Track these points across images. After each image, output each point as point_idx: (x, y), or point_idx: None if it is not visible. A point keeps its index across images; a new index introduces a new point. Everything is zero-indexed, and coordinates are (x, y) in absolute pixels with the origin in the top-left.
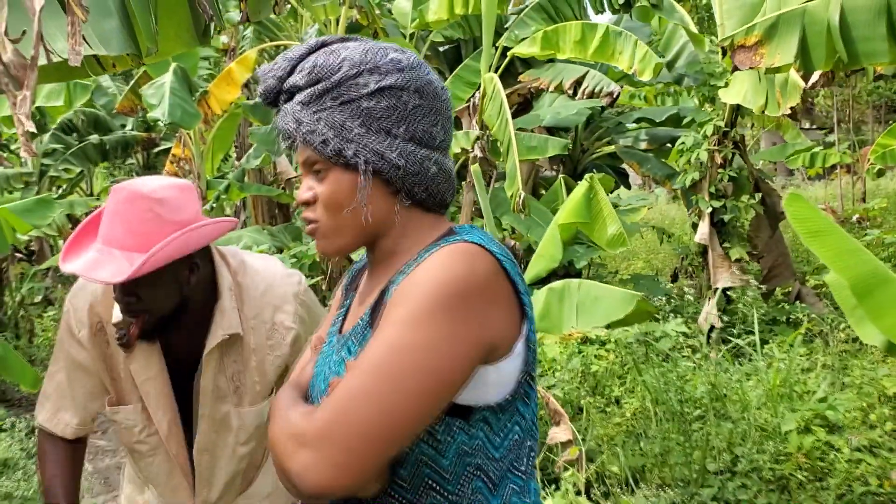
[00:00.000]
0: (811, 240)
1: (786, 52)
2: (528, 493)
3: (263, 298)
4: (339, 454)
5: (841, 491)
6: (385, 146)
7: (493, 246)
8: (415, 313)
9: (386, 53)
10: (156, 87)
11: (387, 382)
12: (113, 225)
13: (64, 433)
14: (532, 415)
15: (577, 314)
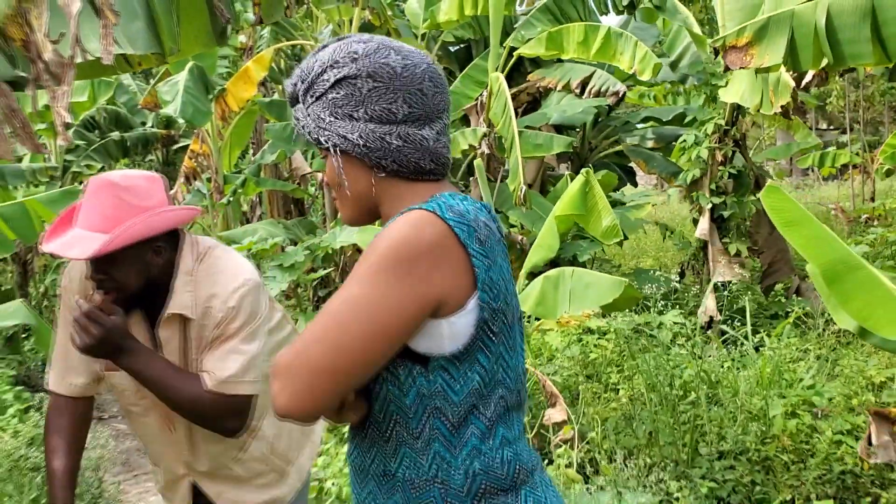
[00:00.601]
0: (786, 229)
1: (775, 52)
2: (493, 437)
3: (207, 283)
4: (297, 384)
5: (821, 471)
6: (348, 130)
7: (449, 214)
8: (365, 271)
9: (348, 47)
10: (171, 85)
11: (337, 327)
12: (86, 211)
13: (71, 392)
14: (497, 366)
15: (569, 300)
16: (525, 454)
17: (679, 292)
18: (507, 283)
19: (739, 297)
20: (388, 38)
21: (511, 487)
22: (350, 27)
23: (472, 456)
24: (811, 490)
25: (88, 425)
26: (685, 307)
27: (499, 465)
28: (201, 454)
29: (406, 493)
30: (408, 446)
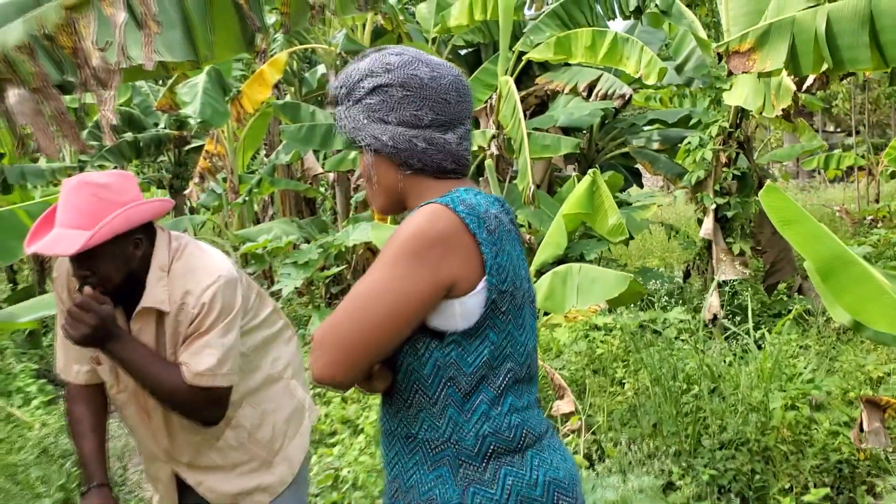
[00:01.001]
0: (783, 227)
1: (776, 57)
2: (502, 404)
3: (181, 279)
4: (329, 355)
5: (819, 461)
6: (380, 132)
7: (460, 207)
8: (387, 258)
9: (385, 59)
10: (189, 87)
11: (363, 307)
12: (65, 210)
13: (77, 380)
14: (506, 343)
15: (577, 294)
16: (533, 422)
17: (684, 291)
18: (516, 268)
19: (742, 295)
20: (420, 51)
21: (518, 449)
22: (363, 32)
23: (482, 420)
24: (808, 479)
25: (106, 408)
26: (690, 305)
27: (506, 429)
28: (179, 443)
29: (426, 453)
30: (426, 412)
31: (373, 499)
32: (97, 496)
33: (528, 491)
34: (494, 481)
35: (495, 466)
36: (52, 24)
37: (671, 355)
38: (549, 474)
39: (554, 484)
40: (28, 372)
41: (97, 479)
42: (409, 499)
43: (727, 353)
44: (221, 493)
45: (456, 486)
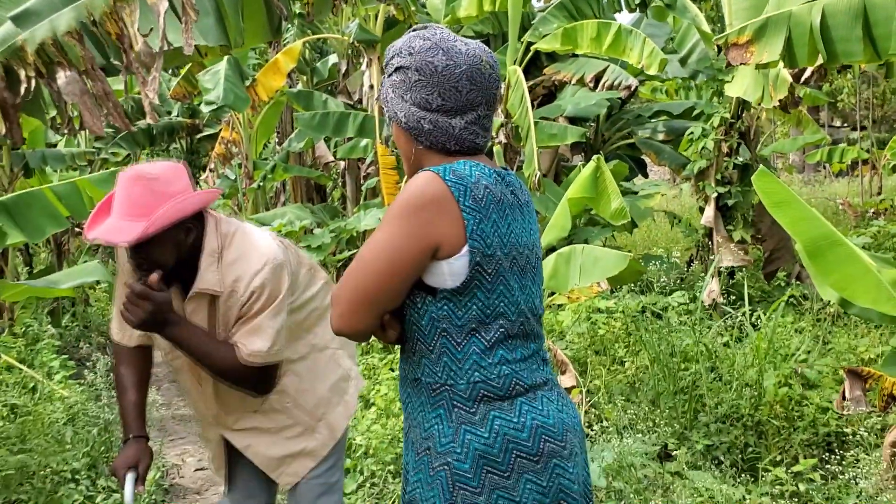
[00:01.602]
0: (775, 209)
1: (773, 50)
2: (492, 356)
3: (231, 266)
4: (342, 308)
5: (808, 435)
6: (399, 108)
7: (450, 176)
8: (384, 221)
9: (411, 42)
10: (212, 74)
11: (363, 264)
12: (121, 202)
13: (129, 342)
14: (498, 301)
15: (579, 273)
16: (525, 374)
17: (686, 278)
18: (506, 235)
19: (741, 282)
20: (450, 36)
21: (507, 397)
22: (376, 22)
23: (473, 369)
24: (798, 451)
25: (150, 369)
26: (691, 292)
27: (495, 377)
28: (227, 407)
29: (428, 395)
30: (426, 358)
31: (384, 465)
32: (133, 447)
33: (514, 433)
34: (484, 423)
35: (485, 410)
36: (100, 12)
37: (670, 334)
38: (538, 420)
39: (542, 429)
40: (51, 347)
41: (135, 430)
42: (416, 434)
43: (725, 334)
44: (267, 457)
45: (450, 425)
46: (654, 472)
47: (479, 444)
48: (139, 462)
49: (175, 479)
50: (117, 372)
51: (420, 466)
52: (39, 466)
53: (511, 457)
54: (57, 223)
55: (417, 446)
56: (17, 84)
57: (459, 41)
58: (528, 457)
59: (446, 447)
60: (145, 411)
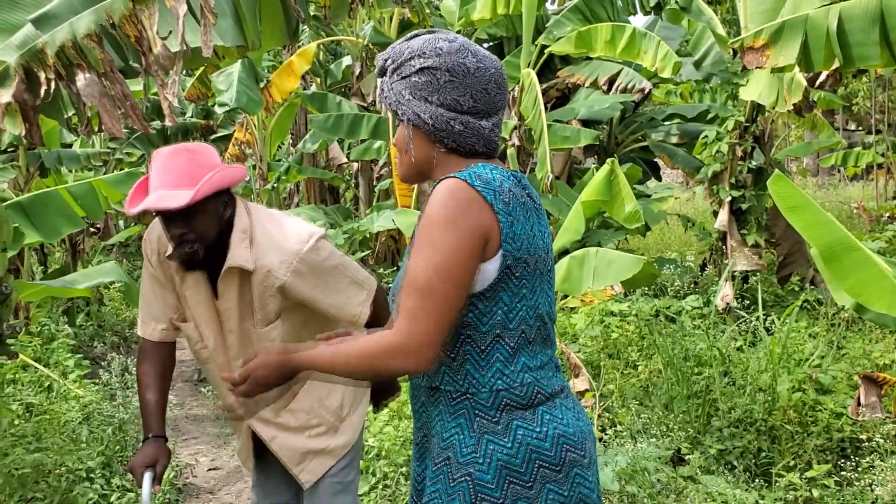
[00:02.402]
0: (790, 213)
1: (789, 53)
2: (515, 363)
3: (266, 250)
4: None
5: (822, 440)
6: (422, 110)
7: (477, 182)
8: (425, 240)
9: (436, 42)
10: (225, 76)
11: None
12: (163, 174)
13: (152, 336)
14: (520, 305)
15: (593, 276)
16: (545, 381)
17: (699, 282)
18: (531, 238)
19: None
20: (469, 41)
21: (529, 405)
22: (390, 24)
23: (496, 377)
24: (812, 457)
25: (173, 368)
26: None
27: (518, 386)
28: (256, 401)
29: (447, 404)
30: (446, 366)
31: (396, 467)
32: (152, 446)
33: (537, 443)
34: (507, 432)
35: (508, 419)
36: (119, 15)
37: (683, 338)
38: (559, 429)
39: (563, 438)
40: (65, 347)
41: (154, 430)
42: (434, 443)
43: (738, 338)
44: (291, 450)
45: (472, 435)
46: (668, 476)
47: (501, 455)
48: (157, 462)
49: (188, 478)
50: (140, 369)
51: (438, 476)
52: (55, 465)
53: (534, 466)
54: (72, 223)
55: (435, 456)
56: (37, 86)
57: (479, 46)
58: (551, 466)
59: (468, 457)
60: (165, 411)
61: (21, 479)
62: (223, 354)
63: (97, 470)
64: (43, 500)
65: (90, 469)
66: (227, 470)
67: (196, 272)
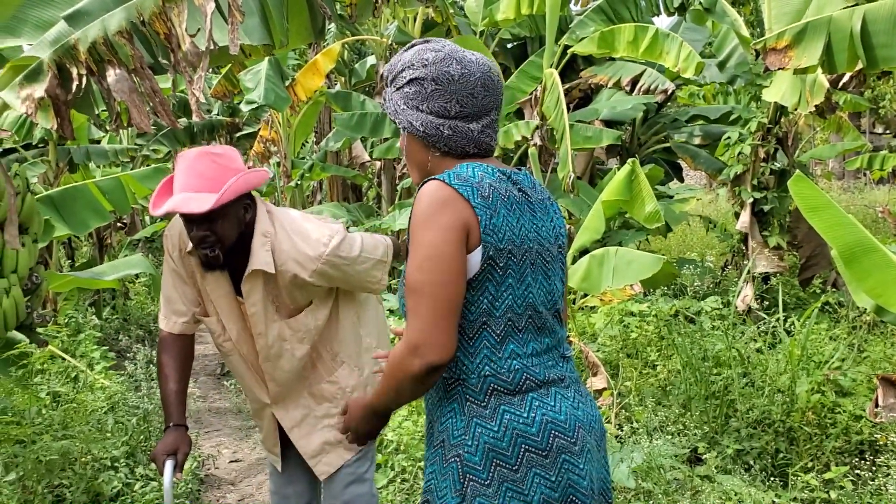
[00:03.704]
0: (810, 214)
1: (812, 54)
2: (503, 350)
3: (289, 255)
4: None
5: (841, 442)
6: (414, 118)
7: (454, 181)
8: (414, 242)
9: (423, 54)
10: (253, 73)
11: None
12: (188, 177)
13: (173, 329)
14: (506, 294)
15: (613, 275)
16: (537, 369)
17: (720, 283)
18: (516, 229)
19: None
20: (457, 48)
21: (517, 391)
22: (414, 24)
23: (484, 362)
24: (830, 459)
25: (192, 358)
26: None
27: (505, 371)
28: (279, 388)
29: (444, 390)
30: None
31: (414, 461)
32: (173, 434)
33: (523, 428)
34: (494, 417)
35: (495, 404)
36: (149, 13)
37: (703, 339)
38: (548, 416)
39: (551, 424)
40: (91, 338)
41: (175, 419)
42: (434, 429)
43: (758, 340)
44: (309, 440)
45: (462, 419)
46: (684, 474)
47: (488, 438)
48: (178, 450)
49: (210, 469)
50: (160, 360)
51: (434, 458)
52: (81, 453)
53: (520, 451)
54: (101, 217)
55: (434, 439)
56: (69, 81)
57: (468, 52)
58: (537, 451)
59: (458, 439)
60: (186, 400)
61: (48, 465)
62: (247, 348)
63: (121, 459)
64: (69, 486)
65: (115, 458)
66: (248, 462)
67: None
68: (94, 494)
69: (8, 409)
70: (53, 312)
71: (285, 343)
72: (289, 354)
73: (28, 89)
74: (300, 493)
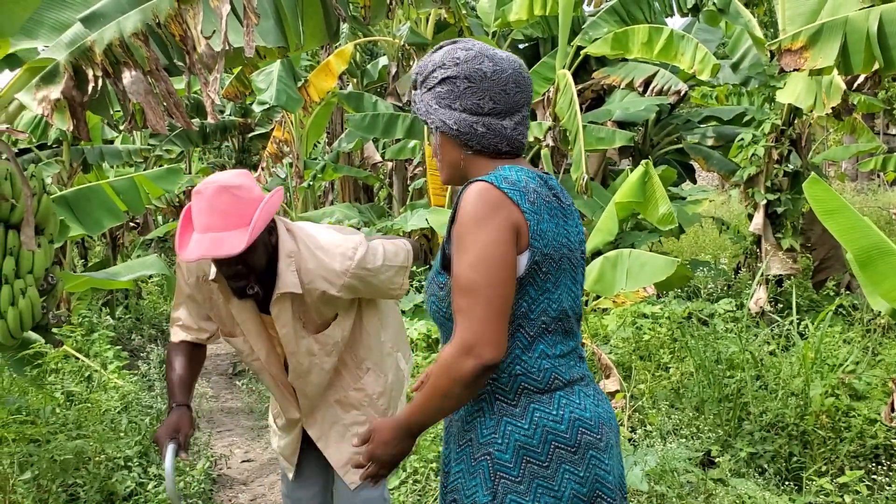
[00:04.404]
0: (825, 217)
1: (827, 55)
2: (533, 350)
3: (315, 274)
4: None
5: (856, 446)
6: (447, 116)
7: (504, 184)
8: (464, 244)
9: (454, 53)
10: (265, 74)
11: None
12: (211, 216)
13: (181, 338)
14: (543, 298)
15: (626, 277)
16: (563, 369)
17: (734, 286)
18: (557, 235)
19: (790, 290)
20: (487, 46)
21: (546, 390)
22: (426, 25)
23: (514, 362)
24: (844, 462)
25: (202, 360)
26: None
27: (535, 371)
28: (309, 401)
29: None
30: None
31: (426, 462)
32: (175, 414)
33: (553, 425)
34: (524, 415)
35: (525, 402)
36: (165, 15)
37: (716, 341)
38: (575, 413)
39: (579, 422)
40: (105, 338)
41: (178, 399)
42: (458, 426)
43: (771, 342)
44: (339, 450)
45: (492, 417)
46: (697, 477)
47: (519, 436)
48: (179, 430)
49: (222, 469)
50: (169, 357)
51: (462, 457)
52: (95, 452)
53: (550, 447)
54: (115, 217)
55: (458, 438)
56: (85, 83)
57: (497, 50)
58: (566, 447)
59: (487, 438)
60: (192, 386)
61: (63, 464)
62: (277, 367)
63: (135, 458)
64: (83, 485)
65: (128, 457)
66: (260, 462)
67: None
68: (108, 494)
69: (23, 409)
70: (67, 312)
71: (314, 358)
72: (318, 368)
73: (44, 91)
74: (312, 497)
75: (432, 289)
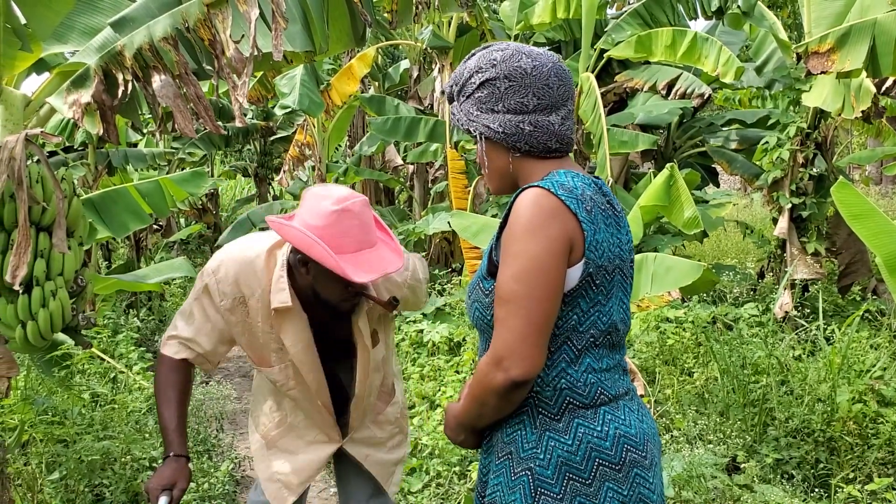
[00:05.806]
0: (854, 221)
1: (856, 58)
2: (580, 364)
3: (382, 284)
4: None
5: (884, 453)
6: (490, 121)
7: (560, 191)
8: (514, 249)
9: (490, 55)
10: (288, 78)
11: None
12: (366, 231)
13: (177, 355)
14: (594, 311)
15: (651, 281)
16: (609, 383)
17: (758, 290)
18: (612, 245)
19: (815, 295)
20: (521, 45)
21: (591, 405)
22: (448, 28)
23: (560, 376)
24: (872, 469)
25: (191, 384)
26: (763, 304)
27: (581, 385)
28: (348, 422)
29: None
30: None
31: (449, 466)
32: (172, 466)
33: (597, 442)
34: (567, 430)
35: (569, 417)
36: (194, 19)
37: (741, 346)
38: (621, 429)
39: (624, 439)
40: (129, 340)
41: (175, 449)
42: (498, 437)
43: (797, 347)
44: (382, 465)
45: (534, 431)
46: (723, 483)
47: (562, 452)
48: (175, 484)
49: (246, 470)
50: (160, 379)
51: (501, 470)
52: (121, 453)
53: (593, 465)
54: (140, 220)
55: (498, 450)
56: (115, 87)
57: (531, 47)
58: (611, 465)
59: (529, 453)
60: (186, 427)
61: (90, 465)
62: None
63: (159, 460)
64: (109, 486)
65: (153, 458)
66: None
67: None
68: (133, 494)
69: (50, 409)
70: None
71: (377, 374)
72: (372, 388)
73: (75, 94)
74: None
75: (476, 294)
